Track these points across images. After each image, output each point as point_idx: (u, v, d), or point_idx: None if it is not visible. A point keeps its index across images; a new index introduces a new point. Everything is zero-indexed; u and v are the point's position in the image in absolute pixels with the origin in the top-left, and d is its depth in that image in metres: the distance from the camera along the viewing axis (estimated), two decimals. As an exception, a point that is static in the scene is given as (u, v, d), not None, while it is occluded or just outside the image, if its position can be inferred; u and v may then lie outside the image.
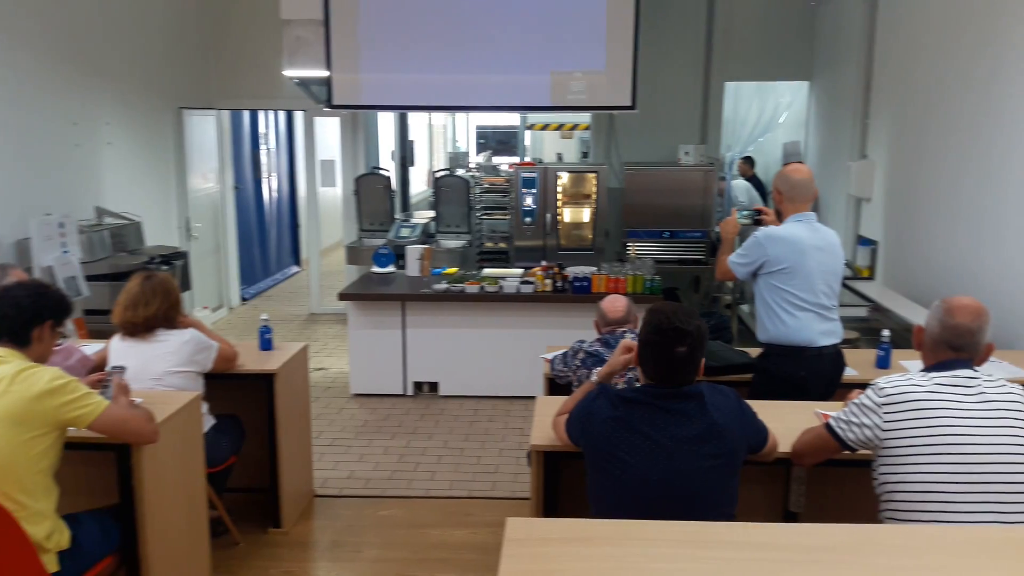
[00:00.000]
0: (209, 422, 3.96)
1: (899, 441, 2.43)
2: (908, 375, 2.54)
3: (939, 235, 5.88)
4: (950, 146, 5.76)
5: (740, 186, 9.59)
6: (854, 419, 2.55)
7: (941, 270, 5.82)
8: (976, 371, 2.52)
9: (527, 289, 6.19)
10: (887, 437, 2.46)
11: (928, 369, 2.55)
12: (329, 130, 9.68)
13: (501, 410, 6.19)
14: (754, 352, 4.35)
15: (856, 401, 2.57)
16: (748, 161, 9.72)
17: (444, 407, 6.26)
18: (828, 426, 2.65)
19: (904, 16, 6.55)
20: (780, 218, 3.90)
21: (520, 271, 6.72)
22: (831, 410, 2.70)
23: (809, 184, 3.81)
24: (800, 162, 7.89)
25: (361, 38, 7.00)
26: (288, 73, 7.16)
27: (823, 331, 3.69)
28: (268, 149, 10.84)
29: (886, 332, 4.20)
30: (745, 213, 4.16)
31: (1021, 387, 2.52)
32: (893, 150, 6.67)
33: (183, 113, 8.19)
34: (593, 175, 7.84)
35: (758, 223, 4.01)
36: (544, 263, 6.45)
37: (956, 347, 2.53)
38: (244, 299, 9.72)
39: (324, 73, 7.04)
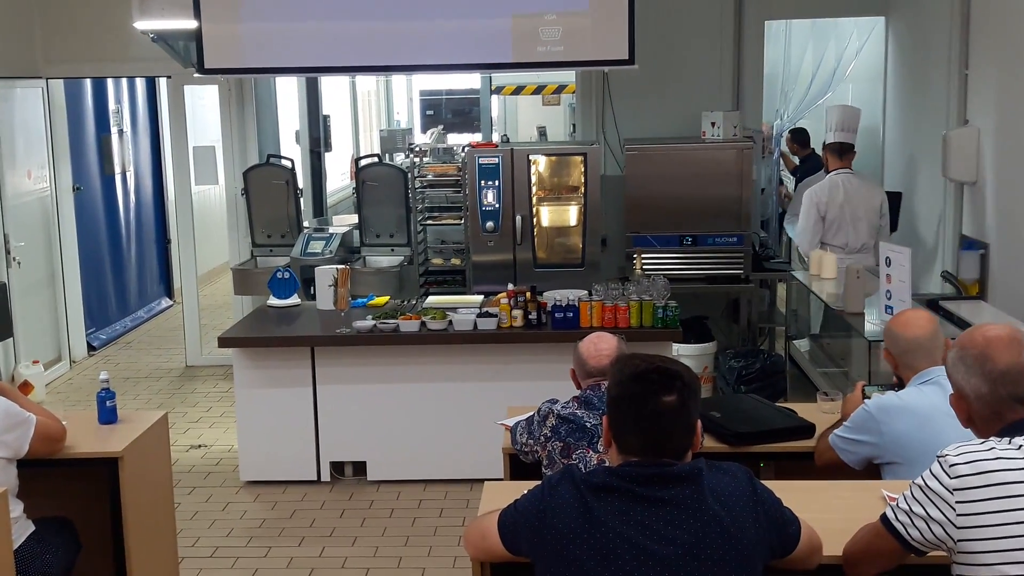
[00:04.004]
0: (27, 530, 3.97)
1: (978, 533, 2.48)
2: (985, 441, 2.59)
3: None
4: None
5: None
6: (917, 509, 2.58)
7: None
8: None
9: (488, 325, 6.22)
10: (963, 535, 2.49)
11: (1001, 434, 2.59)
12: (208, 104, 9.70)
13: (456, 500, 6.20)
14: (808, 411, 4.39)
15: (919, 482, 2.60)
16: (799, 136, 9.64)
17: (374, 498, 6.27)
18: (884, 518, 2.67)
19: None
20: (901, 384, 3.85)
21: (479, 298, 6.76)
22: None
23: (931, 340, 3.74)
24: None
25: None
26: (141, 26, 7.20)
27: None
28: (122, 133, 10.83)
29: None
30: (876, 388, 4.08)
31: None
32: (1004, 112, 6.75)
33: (-5, 85, 8.23)
34: (580, 159, 7.90)
35: None
36: (512, 286, 6.48)
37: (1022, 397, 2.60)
38: (93, 348, 9.70)
39: (192, 24, 7.08)
